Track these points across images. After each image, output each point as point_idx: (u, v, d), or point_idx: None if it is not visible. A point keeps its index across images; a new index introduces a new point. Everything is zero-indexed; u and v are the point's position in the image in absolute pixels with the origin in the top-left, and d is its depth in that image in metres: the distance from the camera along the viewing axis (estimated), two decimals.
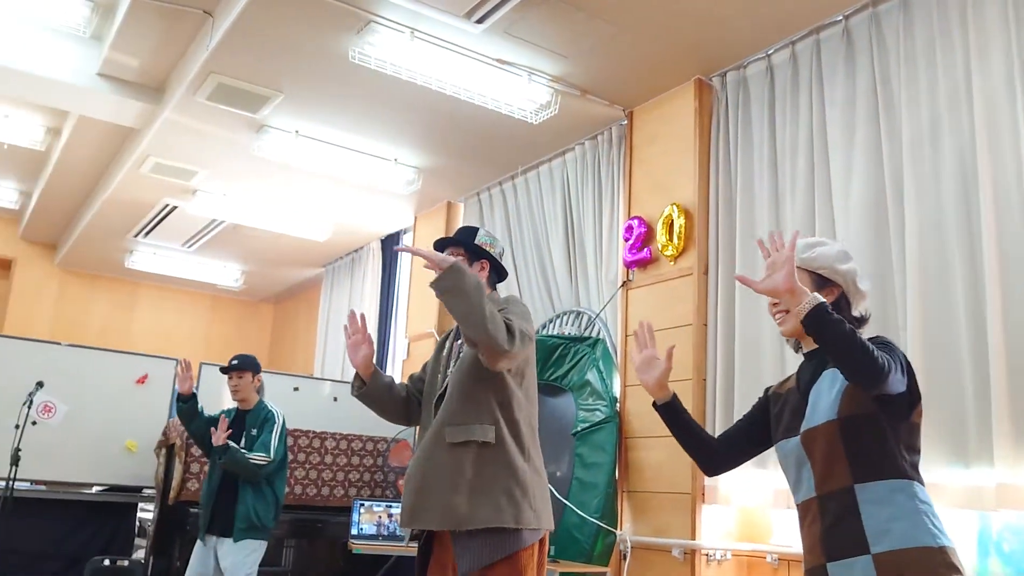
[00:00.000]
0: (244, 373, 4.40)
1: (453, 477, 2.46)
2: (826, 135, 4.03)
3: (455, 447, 2.50)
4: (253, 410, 4.40)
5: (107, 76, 5.53)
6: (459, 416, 2.54)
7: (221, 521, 4.18)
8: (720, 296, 4.38)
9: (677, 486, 4.31)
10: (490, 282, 2.83)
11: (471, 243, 2.81)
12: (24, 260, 9.46)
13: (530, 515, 2.45)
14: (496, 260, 2.85)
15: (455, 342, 2.78)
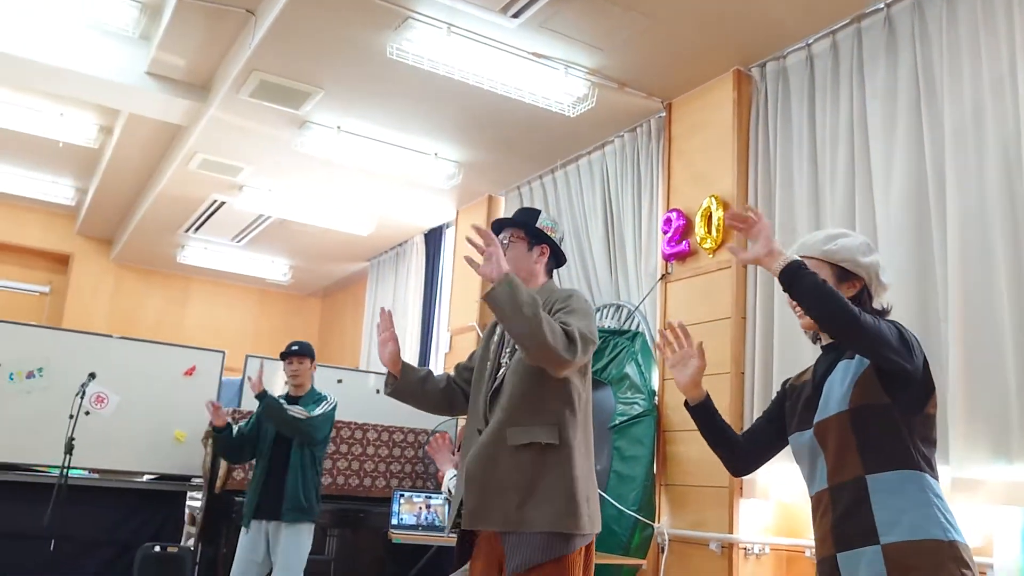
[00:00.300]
0: (304, 359, 4.49)
1: (517, 481, 2.39)
2: (867, 126, 3.97)
3: (518, 449, 2.42)
4: (307, 395, 4.47)
5: (155, 75, 5.67)
6: (522, 417, 2.44)
7: (268, 505, 4.25)
8: (759, 289, 4.34)
9: (715, 480, 4.29)
10: (547, 269, 2.71)
11: (532, 226, 2.68)
12: (81, 255, 9.74)
13: (585, 520, 2.41)
14: (557, 246, 2.72)
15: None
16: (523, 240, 2.67)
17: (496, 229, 2.72)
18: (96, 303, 9.74)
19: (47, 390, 5.09)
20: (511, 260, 2.59)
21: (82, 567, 4.96)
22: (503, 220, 2.76)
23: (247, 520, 4.27)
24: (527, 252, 2.66)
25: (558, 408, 2.46)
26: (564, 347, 2.31)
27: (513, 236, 2.67)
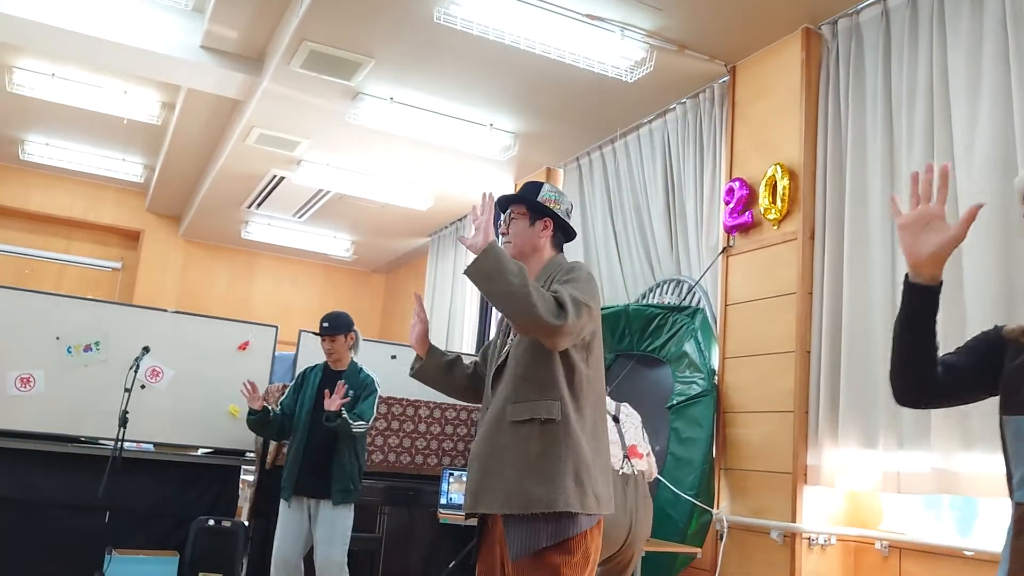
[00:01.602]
0: (336, 337, 4.40)
1: (518, 458, 2.28)
2: (948, 83, 3.64)
3: (518, 425, 2.31)
4: (349, 371, 4.39)
5: (209, 48, 5.63)
6: (522, 392, 2.34)
7: (312, 484, 4.18)
8: (827, 263, 4.06)
9: (778, 465, 4.05)
10: (555, 243, 2.60)
11: (533, 200, 2.58)
12: (151, 232, 9.91)
13: (592, 500, 2.26)
14: (562, 218, 2.60)
15: None
16: (525, 215, 2.58)
17: (503, 205, 2.65)
18: (166, 279, 9.90)
19: (104, 363, 5.12)
20: (514, 236, 2.57)
21: (137, 539, 4.99)
22: (507, 196, 2.66)
23: (287, 494, 4.22)
24: (529, 227, 2.57)
25: (560, 384, 2.33)
26: (553, 313, 2.20)
27: (515, 212, 2.59)
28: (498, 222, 2.59)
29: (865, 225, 3.93)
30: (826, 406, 3.92)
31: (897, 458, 3.57)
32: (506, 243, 2.57)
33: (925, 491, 3.46)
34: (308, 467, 4.19)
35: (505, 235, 2.58)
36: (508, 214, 2.60)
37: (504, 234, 2.58)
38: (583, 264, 2.50)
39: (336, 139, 6.43)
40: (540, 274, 2.51)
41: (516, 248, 2.55)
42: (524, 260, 2.53)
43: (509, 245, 2.56)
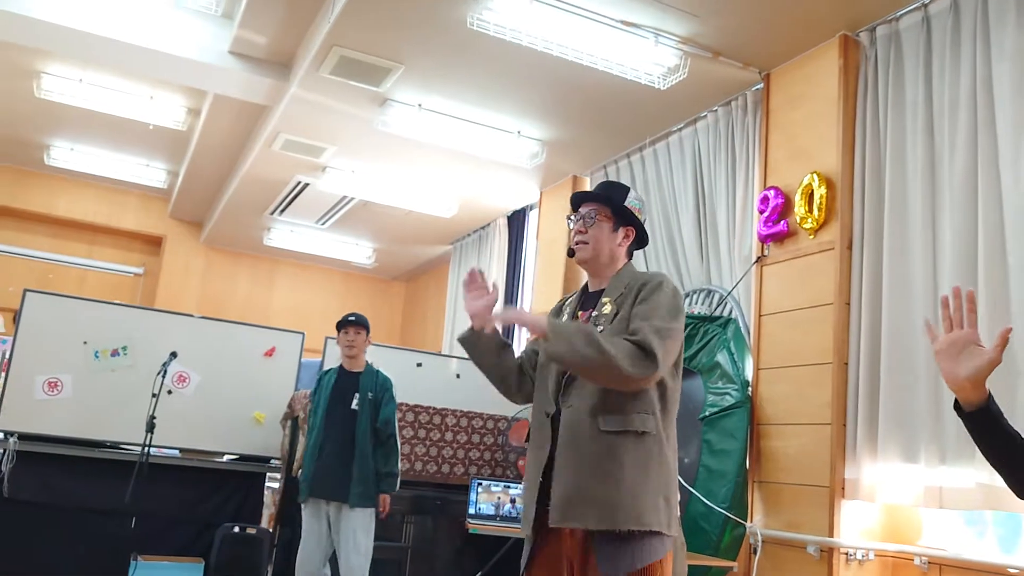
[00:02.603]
0: (361, 329, 4.39)
1: (611, 471, 2.15)
2: (991, 91, 3.57)
3: (610, 436, 2.18)
4: (367, 372, 4.37)
5: (237, 54, 5.63)
6: (614, 401, 2.20)
7: (329, 485, 4.15)
8: (865, 273, 3.99)
9: (814, 478, 3.98)
10: (629, 251, 2.46)
11: (621, 204, 2.42)
12: (173, 238, 9.93)
13: (676, 521, 2.20)
14: (643, 228, 2.47)
15: (587, 311, 2.39)
16: (609, 220, 2.41)
17: (576, 203, 2.49)
18: (187, 285, 9.92)
19: (131, 368, 5.12)
20: (594, 240, 2.40)
21: (162, 545, 4.97)
22: (585, 194, 2.49)
23: (304, 496, 4.20)
24: (611, 232, 2.41)
25: (651, 396, 2.23)
26: (640, 364, 2.11)
27: (600, 214, 2.41)
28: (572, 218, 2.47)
29: (905, 235, 3.86)
30: (865, 419, 3.85)
31: (940, 473, 3.49)
32: (580, 243, 2.42)
33: (969, 507, 3.39)
34: (323, 469, 4.19)
35: (582, 234, 2.41)
36: (588, 213, 2.42)
37: (581, 232, 2.42)
38: (668, 279, 2.33)
39: (362, 145, 6.41)
40: (614, 282, 2.38)
41: (593, 252, 2.40)
42: (598, 267, 2.43)
43: (585, 247, 2.41)
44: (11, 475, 4.72)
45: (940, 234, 3.71)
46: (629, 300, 2.29)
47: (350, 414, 4.24)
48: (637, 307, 2.25)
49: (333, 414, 4.25)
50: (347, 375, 4.36)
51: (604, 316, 2.32)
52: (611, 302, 2.33)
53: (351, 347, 4.36)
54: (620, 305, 2.31)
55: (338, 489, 4.14)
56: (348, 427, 4.22)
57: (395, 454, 4.27)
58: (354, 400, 4.26)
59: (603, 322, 2.30)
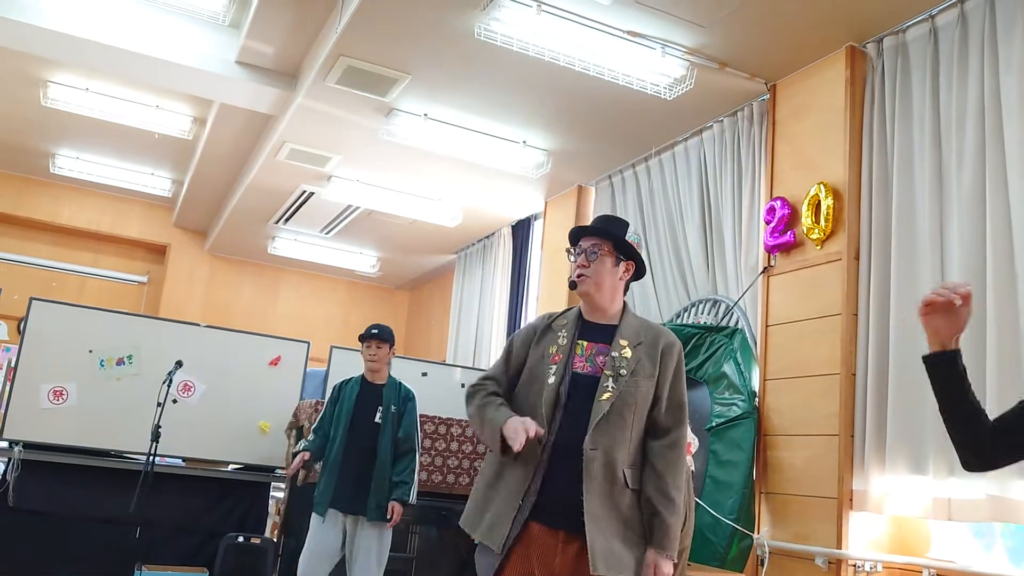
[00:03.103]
0: (383, 344, 4.31)
1: (639, 529, 2.38)
2: (999, 103, 3.58)
3: (634, 493, 2.40)
4: (390, 384, 4.33)
5: (244, 64, 5.65)
6: (636, 456, 2.42)
7: (349, 498, 4.10)
8: (873, 284, 3.99)
9: (822, 489, 3.96)
10: (627, 285, 2.59)
11: (622, 239, 2.54)
12: (178, 246, 9.94)
13: None
14: (642, 263, 2.60)
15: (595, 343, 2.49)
16: (611, 254, 2.52)
17: (575, 237, 2.59)
18: (191, 293, 9.92)
19: (136, 377, 5.12)
20: (597, 275, 2.51)
21: (166, 554, 4.96)
22: (586, 228, 2.60)
23: (322, 509, 4.12)
24: (613, 267, 2.53)
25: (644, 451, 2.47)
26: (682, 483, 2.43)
27: (602, 249, 2.52)
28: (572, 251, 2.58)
29: (913, 245, 3.86)
30: (873, 430, 3.84)
31: (948, 484, 3.48)
32: (583, 276, 2.51)
33: (979, 519, 3.38)
34: (344, 482, 4.11)
35: (585, 268, 2.51)
36: (590, 248, 2.52)
37: (584, 267, 2.51)
38: (676, 338, 2.54)
39: (368, 155, 6.42)
40: (627, 324, 2.52)
41: (596, 286, 2.50)
42: (601, 300, 2.52)
43: (588, 280, 2.50)
44: (16, 484, 4.72)
45: (948, 245, 3.71)
46: (652, 355, 2.46)
47: (373, 427, 4.19)
48: (671, 391, 2.46)
49: (356, 426, 4.19)
50: (370, 387, 4.30)
51: (626, 360, 2.44)
52: (630, 347, 2.47)
53: (373, 360, 4.28)
54: (641, 355, 2.46)
55: (358, 502, 4.10)
56: (371, 440, 4.16)
57: (413, 465, 4.24)
58: (377, 413, 4.21)
59: (626, 366, 2.43)
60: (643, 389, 2.41)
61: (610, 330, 2.50)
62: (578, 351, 2.49)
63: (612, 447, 2.36)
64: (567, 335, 2.51)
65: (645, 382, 2.41)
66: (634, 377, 2.41)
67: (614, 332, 2.49)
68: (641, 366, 2.43)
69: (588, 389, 2.42)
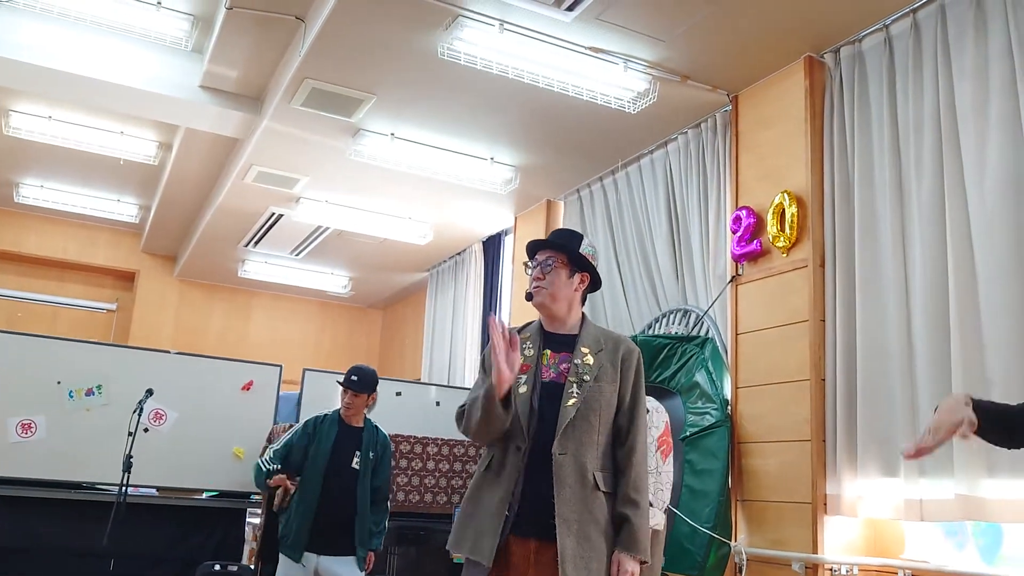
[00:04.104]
0: (360, 395, 4.21)
1: (609, 531, 2.41)
2: (955, 110, 3.65)
3: (605, 496, 2.43)
4: (368, 428, 4.27)
5: (208, 88, 5.63)
6: (607, 462, 2.47)
7: (326, 543, 4.05)
8: (839, 289, 4.05)
9: (797, 495, 4.00)
10: (583, 296, 2.64)
11: (576, 251, 2.59)
12: (146, 272, 9.84)
13: None
14: (597, 274, 2.66)
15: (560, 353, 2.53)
16: (565, 266, 2.59)
17: (532, 250, 2.65)
18: (161, 319, 9.83)
19: (106, 407, 5.06)
20: (552, 286, 2.56)
21: None
22: (542, 242, 2.66)
23: (298, 554, 4.02)
24: (568, 279, 2.59)
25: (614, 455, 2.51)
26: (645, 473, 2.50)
27: (556, 261, 2.58)
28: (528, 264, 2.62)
29: (876, 251, 3.92)
30: (844, 434, 3.89)
31: (919, 486, 3.53)
32: (539, 288, 2.56)
33: (950, 518, 3.42)
34: (321, 527, 4.05)
35: (540, 280, 2.56)
36: (545, 260, 2.58)
37: (539, 279, 2.57)
38: (634, 345, 2.59)
39: (336, 176, 6.42)
40: (586, 333, 2.57)
41: (552, 298, 2.56)
42: (557, 310, 2.57)
43: (543, 291, 2.56)
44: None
45: (910, 249, 3.77)
46: (613, 360, 2.53)
47: (351, 472, 4.14)
48: (627, 394, 2.51)
49: (334, 470, 4.11)
50: (348, 430, 4.21)
51: (588, 366, 2.50)
52: (592, 354, 2.52)
53: (348, 408, 4.19)
54: (603, 361, 2.52)
55: (336, 546, 4.04)
56: (349, 485, 4.11)
57: (387, 514, 4.28)
58: (355, 458, 4.16)
59: (589, 372, 2.48)
60: (607, 393, 2.49)
61: (571, 339, 2.57)
62: (544, 361, 2.56)
63: (580, 451, 2.42)
64: (533, 346, 2.58)
65: (608, 387, 2.49)
66: (598, 382, 2.48)
67: (575, 341, 2.56)
68: (604, 371, 2.50)
69: (556, 397, 2.48)
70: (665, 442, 3.70)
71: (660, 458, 3.59)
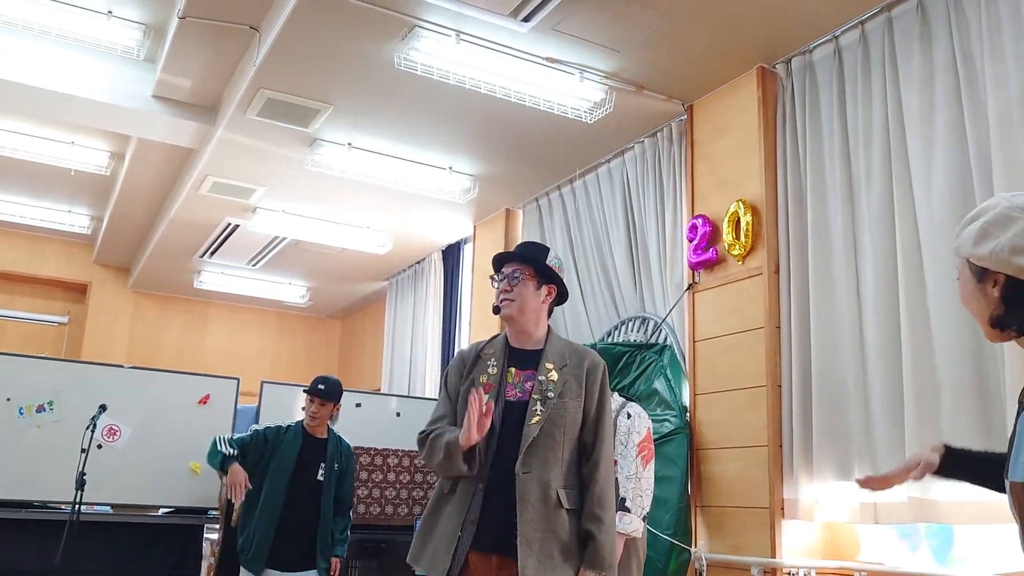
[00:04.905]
0: (327, 403, 4.18)
1: (574, 549, 2.39)
2: (903, 119, 3.74)
3: (570, 513, 2.41)
4: (332, 439, 4.23)
5: (161, 98, 5.55)
6: (570, 478, 2.45)
7: (288, 557, 4.00)
8: (793, 296, 4.11)
9: (754, 500, 4.05)
10: (550, 308, 2.64)
11: (543, 264, 2.60)
12: (99, 284, 9.66)
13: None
14: (564, 286, 2.66)
15: (525, 371, 2.53)
16: (532, 278, 2.58)
17: (498, 263, 2.65)
18: (115, 332, 9.65)
19: (58, 424, 4.94)
20: (520, 298, 2.56)
21: None
22: (509, 254, 2.66)
23: (258, 568, 3.97)
24: (535, 291, 2.59)
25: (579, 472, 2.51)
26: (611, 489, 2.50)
27: (523, 273, 2.58)
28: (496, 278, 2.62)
29: (828, 258, 3.99)
30: (800, 439, 3.94)
31: None
32: (507, 300, 2.56)
33: (903, 520, 3.49)
34: (283, 540, 4.00)
35: (508, 292, 2.56)
36: (512, 273, 2.58)
37: (507, 291, 2.56)
38: (600, 359, 2.59)
39: (292, 186, 6.37)
40: (552, 347, 2.56)
41: (519, 309, 2.56)
42: (525, 323, 2.57)
43: (511, 304, 2.56)
44: None
45: (861, 255, 3.85)
46: (577, 375, 2.51)
47: (315, 484, 4.10)
48: (592, 409, 2.50)
49: (298, 482, 4.06)
50: (312, 441, 4.16)
51: (552, 383, 2.49)
52: (556, 370, 2.51)
53: (314, 417, 4.15)
54: (567, 376, 2.51)
55: (299, 560, 4.00)
56: (314, 498, 4.07)
57: (350, 521, 4.26)
58: (319, 470, 4.11)
59: (553, 389, 2.48)
60: (571, 410, 2.48)
61: (536, 355, 2.56)
62: (508, 379, 2.54)
63: (544, 469, 2.40)
64: (496, 363, 2.57)
65: (573, 403, 2.48)
66: (562, 399, 2.47)
67: (540, 357, 2.55)
68: (568, 388, 2.49)
69: (519, 415, 2.47)
70: (646, 447, 3.70)
71: (641, 464, 3.59)
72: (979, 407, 3.25)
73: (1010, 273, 1.50)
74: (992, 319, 1.55)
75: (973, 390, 3.27)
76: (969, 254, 1.57)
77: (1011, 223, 1.50)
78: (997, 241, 1.51)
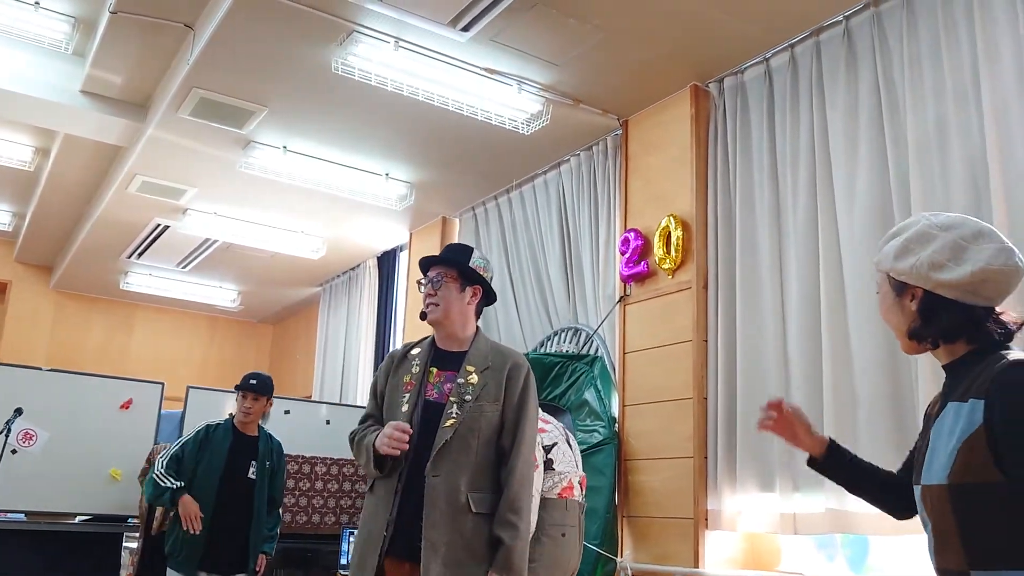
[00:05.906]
0: (261, 397, 4.14)
1: (483, 554, 2.37)
2: (828, 141, 3.86)
3: (480, 517, 2.40)
4: (263, 436, 4.18)
5: (90, 93, 5.40)
6: (481, 482, 2.43)
7: (223, 557, 3.94)
8: (720, 311, 4.20)
9: (679, 510, 4.11)
10: (478, 309, 2.65)
11: (466, 265, 2.60)
12: (19, 283, 9.33)
13: None
14: (489, 286, 2.67)
15: (447, 372, 2.54)
16: (455, 280, 2.60)
17: (424, 267, 2.66)
18: (35, 333, 9.33)
19: None
20: (444, 301, 2.56)
21: None
22: (432, 258, 2.67)
23: (192, 570, 3.89)
24: (459, 293, 2.60)
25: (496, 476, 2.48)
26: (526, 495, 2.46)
27: (446, 276, 2.59)
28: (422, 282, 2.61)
29: (756, 274, 4.09)
30: (724, 451, 4.02)
31: (793, 500, 3.68)
32: (431, 305, 2.56)
33: (820, 531, 3.58)
34: (216, 540, 3.92)
35: (432, 296, 2.56)
36: (435, 276, 2.58)
37: (431, 295, 2.56)
38: (526, 361, 2.57)
39: (225, 187, 6.26)
40: (476, 350, 2.55)
41: (445, 314, 2.56)
42: (450, 326, 2.58)
43: (436, 308, 2.56)
44: None
45: (787, 272, 3.95)
46: (498, 379, 2.50)
47: (247, 482, 4.03)
48: (511, 413, 2.49)
49: (229, 481, 3.99)
50: (243, 439, 4.11)
51: (471, 386, 2.49)
52: (477, 373, 2.50)
53: (248, 413, 4.10)
54: (488, 379, 2.50)
55: (233, 559, 3.93)
56: (246, 495, 4.01)
57: (280, 520, 4.21)
58: (251, 468, 4.05)
59: (471, 392, 2.47)
60: (488, 414, 2.47)
61: (460, 357, 2.57)
62: (430, 379, 2.55)
63: (455, 473, 2.40)
64: (420, 363, 2.58)
65: (490, 407, 2.48)
66: (479, 402, 2.47)
67: (463, 358, 2.55)
68: (486, 391, 2.49)
69: (436, 416, 2.47)
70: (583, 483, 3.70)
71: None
72: (894, 420, 3.36)
73: (928, 288, 1.57)
74: (910, 331, 1.62)
75: (889, 404, 3.38)
76: (890, 268, 1.64)
77: (931, 240, 1.58)
78: (917, 257, 1.58)
